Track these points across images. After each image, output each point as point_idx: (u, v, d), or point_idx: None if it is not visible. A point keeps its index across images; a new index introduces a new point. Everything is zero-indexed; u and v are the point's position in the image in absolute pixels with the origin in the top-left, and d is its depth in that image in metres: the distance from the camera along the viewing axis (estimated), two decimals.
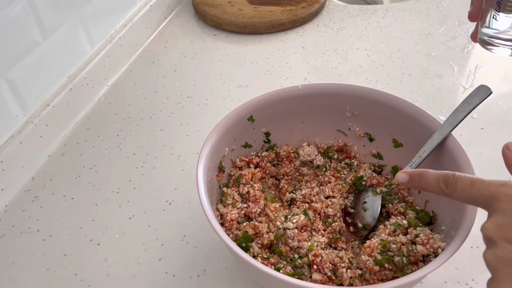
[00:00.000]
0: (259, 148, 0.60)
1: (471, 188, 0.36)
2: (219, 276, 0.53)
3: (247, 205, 0.51)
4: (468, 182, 0.37)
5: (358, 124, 0.60)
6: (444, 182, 0.38)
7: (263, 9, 0.96)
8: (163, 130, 0.73)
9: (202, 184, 0.47)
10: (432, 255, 0.44)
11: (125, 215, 0.60)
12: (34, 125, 0.66)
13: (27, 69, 0.65)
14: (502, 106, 0.74)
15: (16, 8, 0.61)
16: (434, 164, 0.52)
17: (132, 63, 0.87)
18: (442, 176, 0.39)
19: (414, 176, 0.41)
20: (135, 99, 0.79)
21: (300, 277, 0.46)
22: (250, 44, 0.92)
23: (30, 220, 0.60)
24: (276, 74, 0.83)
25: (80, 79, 0.75)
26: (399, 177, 0.43)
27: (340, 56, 0.86)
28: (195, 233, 0.57)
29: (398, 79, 0.80)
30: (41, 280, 0.53)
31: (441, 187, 0.39)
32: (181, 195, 0.62)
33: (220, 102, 0.77)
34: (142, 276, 0.53)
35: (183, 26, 0.98)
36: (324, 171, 0.58)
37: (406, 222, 0.49)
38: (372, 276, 0.45)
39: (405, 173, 0.42)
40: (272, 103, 0.57)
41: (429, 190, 0.40)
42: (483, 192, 0.35)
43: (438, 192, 0.39)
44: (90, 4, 0.76)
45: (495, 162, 0.64)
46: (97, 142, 0.71)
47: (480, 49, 0.86)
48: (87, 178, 0.65)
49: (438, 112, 0.72)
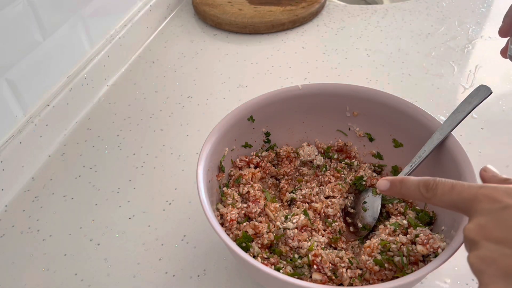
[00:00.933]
0: (259, 148, 0.60)
1: (451, 192, 0.36)
2: (219, 276, 0.53)
3: (247, 205, 0.51)
4: (448, 185, 0.36)
5: (358, 124, 0.60)
6: (425, 187, 0.38)
7: (263, 9, 0.96)
8: (163, 130, 0.73)
9: (202, 184, 0.47)
10: (432, 255, 0.44)
11: (125, 215, 0.60)
12: (34, 125, 0.66)
13: (27, 69, 0.65)
14: (502, 106, 0.74)
15: (16, 8, 0.61)
16: (434, 164, 0.52)
17: (132, 63, 0.87)
18: (423, 182, 0.38)
19: (395, 183, 0.41)
20: (135, 99, 0.79)
21: (300, 277, 0.46)
22: (250, 44, 0.92)
23: (30, 220, 0.60)
24: (276, 74, 0.83)
25: (80, 79, 0.75)
26: (380, 185, 0.42)
27: (340, 56, 0.86)
28: (195, 233, 0.57)
29: (398, 79, 0.80)
30: (41, 280, 0.53)
31: (422, 192, 0.38)
32: (181, 195, 0.62)
33: (220, 102, 0.77)
34: (142, 276, 0.53)
35: (183, 26, 0.98)
36: (324, 171, 0.58)
37: (406, 222, 0.49)
38: (372, 276, 0.45)
39: (386, 180, 0.41)
40: (272, 103, 0.57)
41: (410, 196, 0.40)
42: (463, 195, 0.35)
43: (419, 198, 0.39)
44: (90, 4, 0.76)
45: (495, 162, 0.64)
46: (97, 142, 0.71)
47: (480, 49, 0.86)
48: (87, 178, 0.65)
49: (438, 112, 0.72)
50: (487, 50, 0.86)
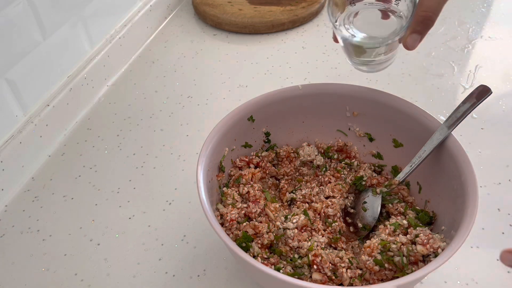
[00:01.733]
0: (259, 148, 0.60)
1: None
2: (219, 276, 0.53)
3: (247, 205, 0.51)
4: None
5: (358, 124, 0.60)
6: None
7: (263, 9, 0.96)
8: (163, 130, 0.73)
9: (202, 184, 0.47)
10: (432, 255, 0.44)
11: (125, 215, 0.60)
12: (34, 125, 0.66)
13: (27, 69, 0.65)
14: (502, 106, 0.74)
15: (16, 8, 0.61)
16: (434, 164, 0.52)
17: (132, 63, 0.87)
18: None
19: None
20: (135, 99, 0.79)
21: (300, 277, 0.46)
22: (250, 44, 0.92)
23: (30, 220, 0.60)
24: (276, 74, 0.83)
25: (80, 79, 0.75)
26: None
27: (340, 56, 0.86)
28: (195, 233, 0.57)
29: (398, 79, 0.80)
30: (41, 280, 0.53)
31: None
32: (181, 195, 0.62)
33: (220, 102, 0.77)
34: (142, 276, 0.53)
35: (183, 26, 0.98)
36: (324, 171, 0.58)
37: (406, 222, 0.49)
38: (372, 276, 0.45)
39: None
40: (272, 103, 0.57)
41: None
42: None
43: None
44: (90, 4, 0.76)
45: (495, 162, 0.64)
46: (97, 142, 0.71)
47: (480, 49, 0.86)
48: (87, 178, 0.65)
49: (438, 112, 0.72)
50: (487, 50, 0.86)
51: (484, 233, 0.55)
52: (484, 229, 0.56)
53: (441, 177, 0.51)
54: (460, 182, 0.46)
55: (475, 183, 0.45)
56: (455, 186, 0.47)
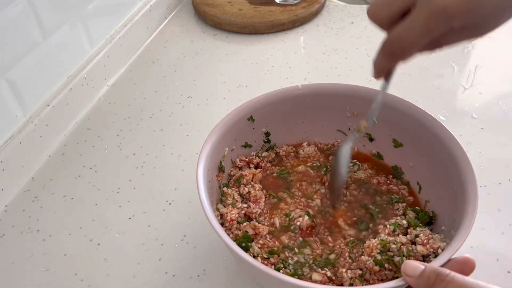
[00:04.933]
0: (259, 148, 0.60)
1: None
2: (219, 276, 0.53)
3: (248, 205, 0.52)
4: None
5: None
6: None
7: (263, 9, 0.96)
8: (163, 130, 0.73)
9: (202, 184, 0.47)
10: (432, 255, 0.44)
11: (125, 215, 0.60)
12: (34, 125, 0.66)
13: (27, 69, 0.65)
14: (502, 106, 0.74)
15: (16, 8, 0.61)
16: (434, 164, 0.52)
17: (132, 63, 0.87)
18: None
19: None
20: (135, 99, 0.79)
21: (300, 277, 0.46)
22: (250, 44, 0.92)
23: (30, 220, 0.60)
24: (276, 74, 0.83)
25: (80, 79, 0.75)
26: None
27: (340, 56, 0.86)
28: (195, 233, 0.57)
29: (398, 79, 0.80)
30: (41, 280, 0.53)
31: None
32: (181, 195, 0.62)
33: (220, 102, 0.77)
34: (142, 276, 0.53)
35: (183, 26, 0.98)
36: (324, 171, 0.58)
37: (406, 222, 0.49)
38: (372, 276, 0.45)
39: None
40: (272, 103, 0.57)
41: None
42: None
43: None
44: (90, 4, 0.76)
45: (495, 162, 0.64)
46: (97, 142, 0.71)
47: (480, 49, 0.86)
48: (87, 178, 0.65)
49: (438, 112, 0.72)
50: (487, 50, 0.86)
51: (484, 233, 0.55)
52: (484, 229, 0.55)
53: (441, 177, 0.51)
54: (460, 182, 0.46)
55: (475, 183, 0.45)
56: (455, 186, 0.47)
